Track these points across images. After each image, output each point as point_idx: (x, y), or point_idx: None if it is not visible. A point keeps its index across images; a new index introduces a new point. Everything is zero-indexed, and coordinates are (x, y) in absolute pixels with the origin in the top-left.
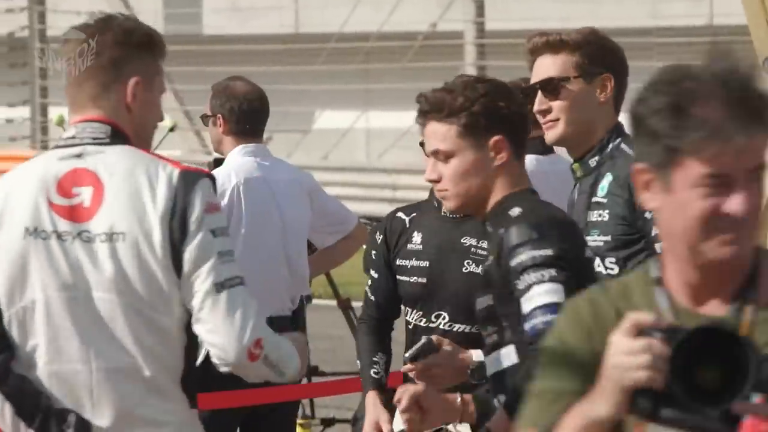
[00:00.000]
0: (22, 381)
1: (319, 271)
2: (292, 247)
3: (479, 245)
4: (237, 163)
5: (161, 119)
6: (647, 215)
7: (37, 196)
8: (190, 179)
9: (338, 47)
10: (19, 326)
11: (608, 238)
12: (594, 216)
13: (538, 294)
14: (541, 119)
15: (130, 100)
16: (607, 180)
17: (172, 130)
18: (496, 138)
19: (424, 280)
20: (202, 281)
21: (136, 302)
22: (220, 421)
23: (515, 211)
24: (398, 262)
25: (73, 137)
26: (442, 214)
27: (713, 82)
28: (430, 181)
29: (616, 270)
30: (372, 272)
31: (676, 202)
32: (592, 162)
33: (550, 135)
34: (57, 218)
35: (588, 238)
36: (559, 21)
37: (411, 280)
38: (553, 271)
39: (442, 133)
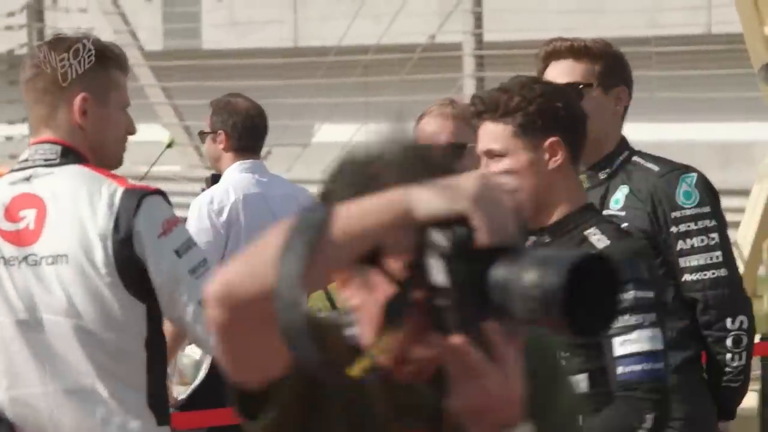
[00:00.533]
0: None
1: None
2: None
3: None
4: (235, 180)
5: (130, 131)
6: (673, 229)
7: None
8: (135, 197)
9: (337, 60)
10: None
11: None
12: None
13: (640, 339)
14: None
15: (79, 118)
16: (621, 192)
17: (170, 146)
18: (551, 140)
19: None
20: (184, 306)
21: (87, 323)
22: None
23: (598, 238)
24: None
25: (26, 160)
26: None
27: (398, 163)
28: None
29: None
30: None
31: (378, 301)
32: (602, 174)
33: None
34: (3, 243)
35: None
36: (557, 32)
37: None
38: (654, 316)
39: (496, 133)
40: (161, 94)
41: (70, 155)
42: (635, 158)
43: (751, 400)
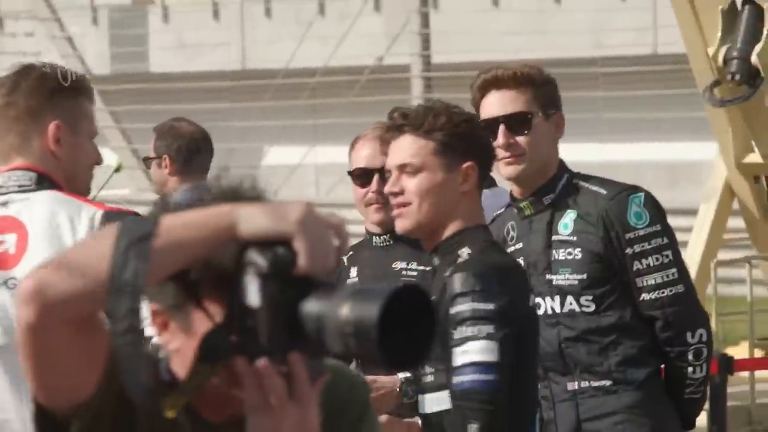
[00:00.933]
0: None
1: None
2: None
3: (409, 267)
4: None
5: (98, 161)
6: (628, 251)
7: None
8: (113, 219)
9: (285, 83)
10: None
11: (583, 276)
12: (561, 255)
13: (473, 350)
14: (502, 153)
15: (53, 146)
16: (569, 217)
17: (117, 170)
18: (468, 164)
19: None
20: None
21: None
22: None
23: (464, 254)
24: None
25: (1, 186)
26: (374, 244)
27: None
28: (391, 193)
29: (592, 308)
30: None
31: (193, 345)
32: (546, 200)
33: (511, 170)
34: None
35: (556, 276)
36: (504, 53)
37: None
38: (491, 328)
39: (416, 148)
40: (109, 118)
41: (45, 182)
42: (578, 182)
43: (700, 418)
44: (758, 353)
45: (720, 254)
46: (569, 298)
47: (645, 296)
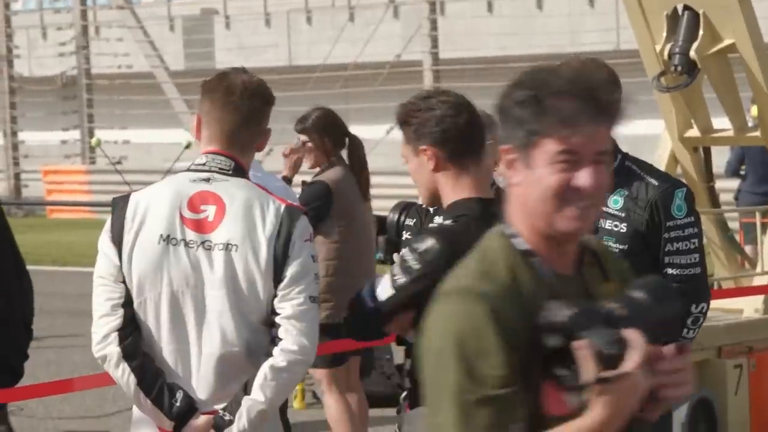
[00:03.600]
0: (145, 357)
1: None
2: None
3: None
4: None
5: (259, 149)
6: (665, 235)
7: (172, 210)
8: (293, 214)
9: (323, 76)
10: (146, 313)
11: (624, 247)
12: (608, 225)
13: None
14: None
15: (259, 144)
16: (620, 195)
17: (188, 147)
18: (422, 147)
19: None
20: (298, 293)
21: (239, 301)
22: None
23: (436, 221)
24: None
25: (204, 164)
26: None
27: (567, 80)
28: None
29: None
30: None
31: (535, 176)
32: None
33: None
34: (186, 229)
35: None
36: (498, 50)
37: None
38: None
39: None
40: (184, 105)
41: (239, 171)
42: (630, 165)
43: None
44: None
45: None
46: None
47: (670, 271)
